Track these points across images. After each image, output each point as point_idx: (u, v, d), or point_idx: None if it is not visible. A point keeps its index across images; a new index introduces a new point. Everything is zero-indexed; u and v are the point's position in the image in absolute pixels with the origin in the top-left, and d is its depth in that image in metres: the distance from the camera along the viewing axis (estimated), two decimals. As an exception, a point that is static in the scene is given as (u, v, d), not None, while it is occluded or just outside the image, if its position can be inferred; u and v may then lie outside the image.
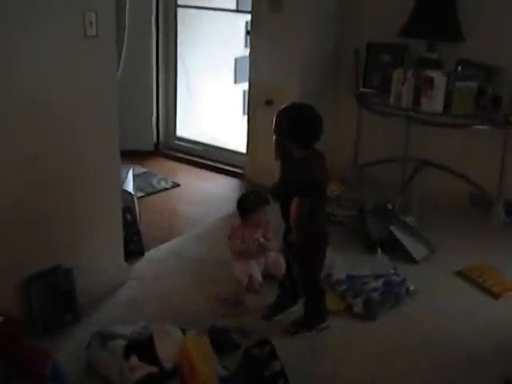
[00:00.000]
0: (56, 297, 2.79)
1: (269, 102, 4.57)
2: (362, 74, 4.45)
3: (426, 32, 3.99)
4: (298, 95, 4.42)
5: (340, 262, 3.42)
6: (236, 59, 6.59)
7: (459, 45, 4.05)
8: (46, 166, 2.74)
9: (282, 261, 3.27)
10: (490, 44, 4.02)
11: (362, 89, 4.44)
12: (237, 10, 6.14)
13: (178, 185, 4.71)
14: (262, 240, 3.34)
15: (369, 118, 4.45)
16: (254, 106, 4.74)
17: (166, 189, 4.64)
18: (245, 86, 6.38)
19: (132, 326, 2.68)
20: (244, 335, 2.76)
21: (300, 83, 4.42)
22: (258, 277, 3.26)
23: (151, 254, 3.60)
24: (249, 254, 3.32)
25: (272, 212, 3.19)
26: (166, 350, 2.47)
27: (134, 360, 2.45)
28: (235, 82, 6.69)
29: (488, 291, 3.37)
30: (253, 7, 4.51)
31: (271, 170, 4.57)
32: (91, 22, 2.73)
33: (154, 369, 2.41)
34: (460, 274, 3.54)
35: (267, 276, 3.31)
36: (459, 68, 4.07)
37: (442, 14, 3.95)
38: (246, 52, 5.88)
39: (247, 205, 3.36)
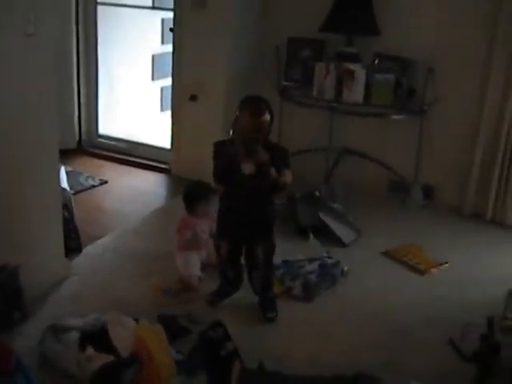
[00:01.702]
0: (3, 296, 2.78)
1: (193, 97, 4.67)
2: (283, 68, 4.60)
3: (344, 27, 4.19)
4: (222, 90, 4.55)
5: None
6: (153, 56, 6.61)
7: (376, 39, 4.28)
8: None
9: None
10: (404, 38, 4.28)
11: (283, 82, 4.60)
12: (153, 7, 6.18)
13: (106, 182, 4.73)
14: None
15: (290, 111, 4.61)
16: (178, 101, 4.81)
17: (94, 186, 4.64)
18: (162, 82, 6.46)
19: (83, 318, 2.72)
20: (191, 321, 2.85)
21: (224, 78, 4.55)
22: (198, 272, 3.33)
23: (89, 249, 3.62)
24: (196, 245, 3.39)
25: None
26: (122, 339, 2.53)
27: (90, 351, 2.50)
28: (152, 78, 6.71)
29: (414, 268, 3.61)
30: (175, 3, 4.58)
31: (197, 164, 4.69)
32: (30, 20, 2.73)
33: (110, 358, 2.46)
34: (386, 254, 3.77)
35: (209, 264, 3.40)
36: (376, 61, 4.29)
37: (359, 10, 4.16)
38: (163, 49, 5.96)
39: (193, 195, 3.42)
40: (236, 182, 2.86)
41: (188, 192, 3.45)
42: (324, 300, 3.25)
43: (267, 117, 2.78)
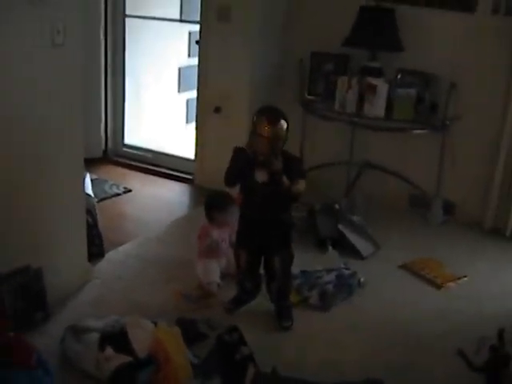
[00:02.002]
0: (26, 296, 2.86)
1: (217, 110, 4.76)
2: (306, 82, 4.67)
3: (368, 42, 4.25)
4: (245, 102, 4.63)
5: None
6: (180, 69, 6.72)
7: (399, 54, 4.32)
8: (18, 167, 2.83)
9: None
10: (427, 54, 4.32)
11: (306, 96, 4.66)
12: (180, 20, 6.29)
13: (130, 190, 4.82)
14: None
15: (313, 124, 4.67)
16: (203, 113, 4.90)
17: (118, 194, 4.73)
18: (188, 95, 6.57)
19: (103, 320, 2.79)
20: (210, 327, 2.90)
21: (248, 91, 4.62)
22: (217, 279, 3.38)
23: (111, 255, 3.70)
24: (216, 253, 3.44)
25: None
26: (140, 341, 2.59)
27: (109, 351, 2.56)
28: (179, 91, 6.82)
29: (431, 282, 3.62)
30: (201, 17, 4.68)
31: (220, 175, 4.74)
32: (59, 32, 2.83)
33: (129, 359, 2.53)
34: (404, 267, 3.79)
35: (228, 274, 3.45)
36: (399, 76, 4.34)
37: (383, 26, 4.21)
38: (190, 62, 6.06)
39: (213, 204, 3.48)
40: (249, 188, 2.94)
41: (208, 201, 3.53)
42: (340, 310, 3.28)
43: (283, 125, 2.83)
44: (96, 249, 3.60)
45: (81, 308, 3.09)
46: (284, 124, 2.83)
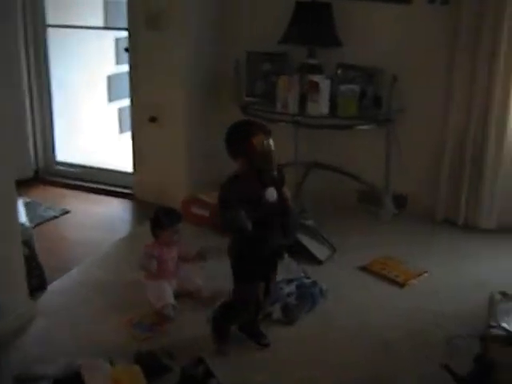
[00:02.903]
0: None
1: (153, 119, 4.54)
2: (244, 83, 4.49)
3: (305, 39, 4.10)
4: (182, 110, 4.43)
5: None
6: (109, 77, 6.44)
7: (338, 49, 4.20)
8: None
9: (195, 276, 3.32)
10: (366, 47, 4.22)
11: (245, 98, 4.49)
12: (105, 28, 6.02)
13: (68, 211, 4.53)
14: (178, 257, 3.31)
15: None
16: (138, 123, 4.67)
17: (55, 217, 4.44)
18: (119, 103, 6.30)
19: (53, 364, 2.55)
20: (172, 357, 2.70)
21: (184, 98, 4.42)
22: (171, 301, 3.18)
23: (54, 286, 3.44)
24: (165, 274, 3.25)
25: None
26: (97, 384, 2.38)
27: (63, 399, 2.34)
28: (109, 100, 6.54)
29: (393, 281, 3.52)
30: (129, 24, 4.44)
31: (161, 187, 4.58)
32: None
33: (86, 405, 2.31)
34: (364, 268, 3.67)
35: (180, 293, 3.26)
36: (339, 72, 4.22)
37: (320, 21, 4.07)
38: (118, 69, 5.80)
39: (159, 221, 3.27)
40: (260, 214, 2.58)
41: (154, 218, 3.31)
42: (305, 322, 3.12)
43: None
44: (37, 281, 3.33)
45: (26, 351, 2.81)
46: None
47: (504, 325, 3.04)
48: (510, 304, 3.28)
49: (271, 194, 2.61)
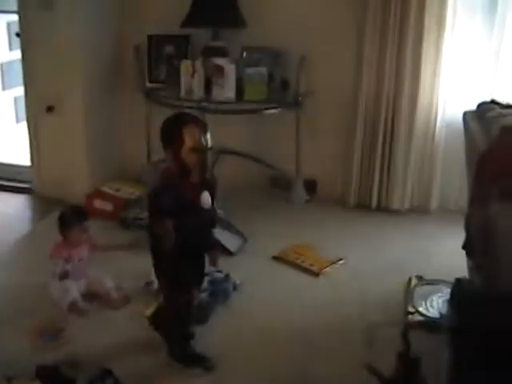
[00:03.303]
0: None
1: (50, 109, 4.24)
2: (146, 68, 4.26)
3: (208, 20, 3.92)
4: (80, 99, 4.16)
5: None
6: (1, 64, 6.04)
7: (243, 31, 4.04)
8: None
9: (105, 277, 3.11)
10: (272, 28, 4.07)
11: (148, 84, 4.26)
12: (-6, 11, 5.61)
13: (-41, 211, 4.20)
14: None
15: (159, 115, 4.25)
16: (34, 113, 4.36)
17: None
18: (15, 92, 5.91)
19: None
20: (76, 368, 2.48)
21: (82, 85, 4.14)
22: (77, 297, 2.99)
23: None
24: (73, 274, 3.02)
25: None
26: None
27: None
28: (3, 88, 6.14)
29: (308, 271, 3.41)
30: (18, 6, 4.11)
31: (62, 181, 4.30)
32: None
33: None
34: (277, 258, 3.55)
35: (92, 296, 3.07)
36: (245, 54, 4.06)
37: (222, 3, 3.90)
38: (12, 56, 5.43)
39: (67, 220, 3.06)
40: (193, 222, 2.36)
41: (61, 218, 3.08)
42: (220, 320, 2.95)
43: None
44: None
45: None
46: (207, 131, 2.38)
47: (421, 309, 3.00)
48: (425, 288, 3.24)
49: (207, 199, 2.39)
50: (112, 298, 3.05)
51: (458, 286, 2.05)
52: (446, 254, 3.62)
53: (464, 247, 2.22)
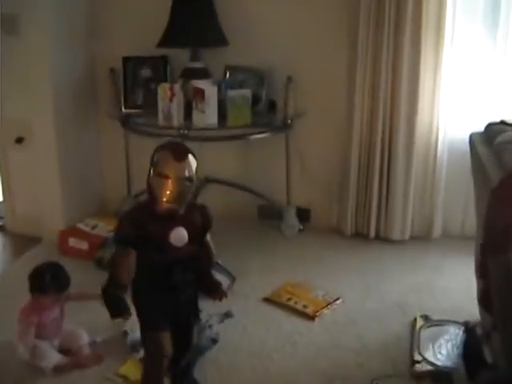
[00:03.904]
0: None
1: (19, 140, 3.93)
2: (122, 93, 3.95)
3: (186, 39, 3.60)
4: (52, 128, 3.83)
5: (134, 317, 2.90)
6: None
7: (225, 50, 3.74)
8: None
9: (80, 332, 2.77)
10: (256, 46, 3.77)
11: (124, 110, 3.95)
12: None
13: None
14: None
15: (138, 143, 3.96)
16: (3, 145, 4.04)
17: None
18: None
19: None
20: None
21: (53, 114, 3.79)
22: (56, 358, 2.64)
23: None
24: (46, 335, 2.69)
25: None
26: None
27: None
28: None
29: (303, 314, 3.07)
30: (-20, 30, 3.79)
31: (35, 217, 3.97)
32: None
33: None
34: (268, 300, 3.21)
35: (63, 352, 2.71)
36: (228, 75, 3.75)
37: (201, 18, 3.60)
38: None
39: (40, 285, 2.65)
40: (162, 260, 2.15)
41: (35, 279, 2.67)
42: (201, 375, 2.58)
43: (194, 161, 2.12)
44: None
45: None
46: (194, 160, 2.12)
47: (429, 357, 2.67)
48: (432, 330, 2.92)
49: (178, 236, 2.11)
50: (84, 355, 2.71)
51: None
52: (451, 289, 3.34)
53: (480, 301, 1.88)
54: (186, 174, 2.08)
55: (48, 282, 2.65)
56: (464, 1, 3.56)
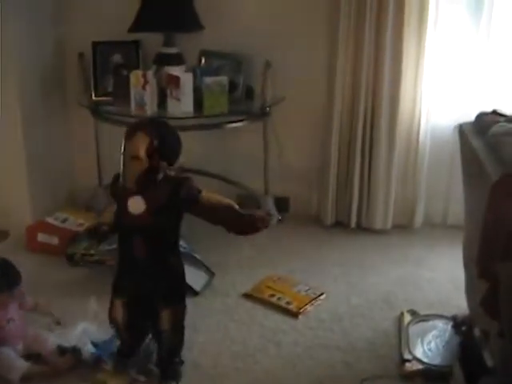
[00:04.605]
0: None
1: (-17, 128, 3.71)
2: (92, 79, 3.76)
3: (160, 23, 3.44)
4: (17, 116, 3.63)
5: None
6: None
7: (200, 35, 3.57)
8: None
9: (45, 335, 2.60)
10: (233, 30, 3.60)
11: (94, 97, 3.76)
12: None
13: None
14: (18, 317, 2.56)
15: (108, 131, 3.78)
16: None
17: None
18: None
19: None
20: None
21: (18, 102, 3.59)
22: (22, 365, 2.46)
23: None
24: (7, 340, 2.50)
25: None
26: None
27: None
28: None
29: (286, 311, 2.95)
30: None
31: (1, 209, 3.78)
32: None
33: None
34: (249, 296, 3.08)
35: (29, 357, 2.53)
36: (203, 61, 3.59)
37: (175, 3, 3.43)
38: None
39: None
40: (124, 225, 2.33)
41: None
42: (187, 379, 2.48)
43: (146, 139, 2.19)
44: None
45: None
46: (148, 138, 2.20)
47: (419, 355, 2.58)
48: (421, 324, 2.83)
49: (134, 205, 2.25)
50: (55, 361, 2.54)
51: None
52: (437, 280, 3.27)
53: (483, 304, 1.78)
54: (132, 152, 2.19)
55: None
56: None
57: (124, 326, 2.42)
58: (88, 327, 2.65)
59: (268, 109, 3.58)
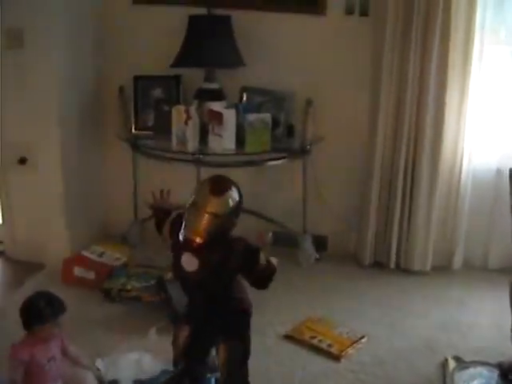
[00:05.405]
0: None
1: (22, 161, 3.71)
2: (132, 114, 3.77)
3: (201, 59, 3.45)
4: (57, 149, 3.65)
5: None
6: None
7: (241, 71, 3.59)
8: None
9: (84, 374, 2.53)
10: (274, 67, 3.62)
11: (134, 131, 3.76)
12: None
13: None
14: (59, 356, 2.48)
15: (146, 166, 3.80)
16: (5, 165, 3.83)
17: None
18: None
19: None
20: None
21: (58, 134, 3.61)
22: None
23: None
24: (45, 379, 2.42)
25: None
26: None
27: None
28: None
29: (328, 354, 2.88)
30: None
31: (37, 242, 3.77)
32: None
33: None
34: (290, 337, 3.02)
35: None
36: (244, 97, 3.59)
37: (217, 37, 3.45)
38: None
39: (35, 314, 2.38)
40: (178, 274, 2.31)
41: (27, 308, 2.40)
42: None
43: (235, 199, 2.16)
44: None
45: None
46: (232, 198, 2.14)
47: (467, 404, 2.50)
48: (466, 372, 2.75)
49: (187, 261, 2.16)
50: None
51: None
52: (479, 325, 3.19)
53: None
54: (215, 209, 2.08)
55: (43, 307, 2.38)
56: (491, 22, 3.43)
57: (183, 354, 2.35)
58: (142, 357, 2.61)
59: (308, 147, 3.56)
